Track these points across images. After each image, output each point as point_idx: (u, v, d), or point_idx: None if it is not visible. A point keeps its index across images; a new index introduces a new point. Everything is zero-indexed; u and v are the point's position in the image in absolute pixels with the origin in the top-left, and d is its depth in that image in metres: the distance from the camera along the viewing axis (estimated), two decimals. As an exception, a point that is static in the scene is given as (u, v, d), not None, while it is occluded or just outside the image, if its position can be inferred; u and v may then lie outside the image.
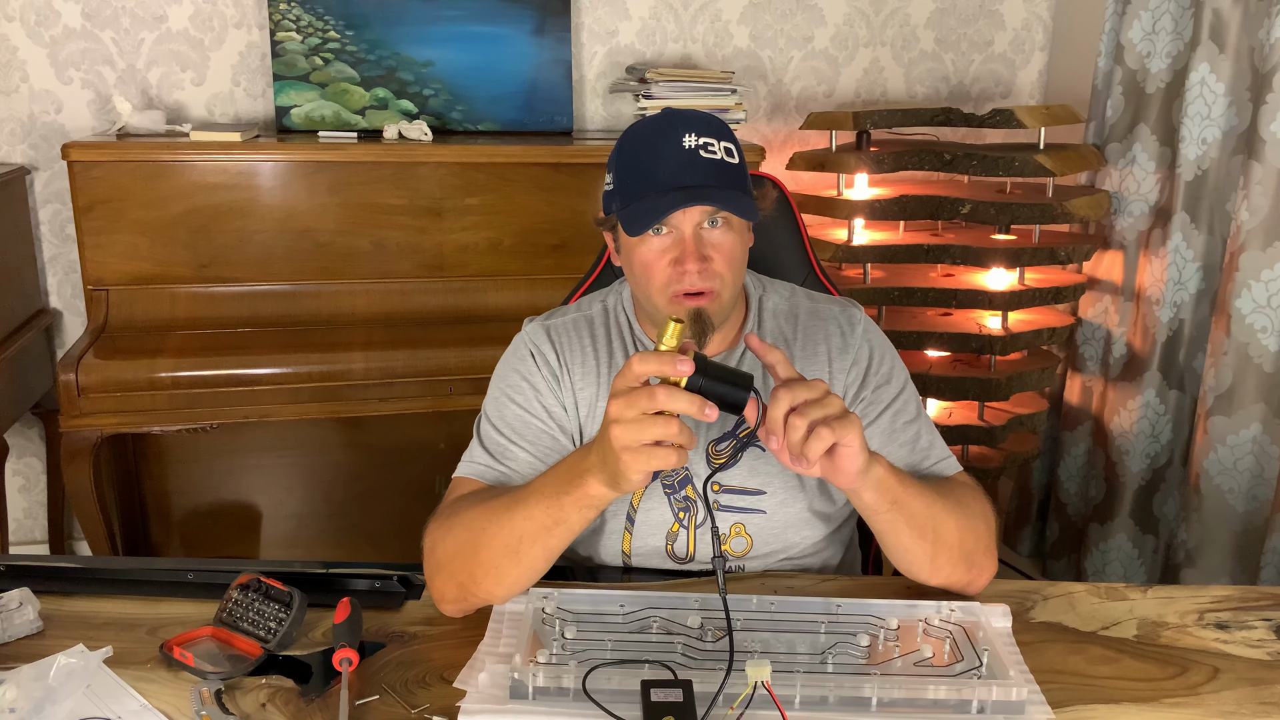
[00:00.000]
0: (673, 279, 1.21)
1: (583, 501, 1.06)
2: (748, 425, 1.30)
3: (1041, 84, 3.16)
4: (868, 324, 1.36)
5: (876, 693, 0.99)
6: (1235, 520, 2.29)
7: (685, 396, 0.96)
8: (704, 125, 1.22)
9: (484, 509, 1.14)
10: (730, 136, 1.24)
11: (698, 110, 1.27)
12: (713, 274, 1.21)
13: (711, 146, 1.21)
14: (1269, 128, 2.16)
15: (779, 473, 1.30)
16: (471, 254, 2.53)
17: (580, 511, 1.07)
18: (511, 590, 1.14)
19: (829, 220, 2.68)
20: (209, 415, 2.30)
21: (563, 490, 1.07)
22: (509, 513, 1.11)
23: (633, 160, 1.23)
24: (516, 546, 1.10)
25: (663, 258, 1.22)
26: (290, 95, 2.64)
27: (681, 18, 2.90)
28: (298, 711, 1.00)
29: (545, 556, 1.12)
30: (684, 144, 1.20)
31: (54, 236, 2.71)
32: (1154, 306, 2.50)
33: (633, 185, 1.22)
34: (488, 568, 1.11)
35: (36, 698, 0.94)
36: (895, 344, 1.41)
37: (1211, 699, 1.05)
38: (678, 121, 1.22)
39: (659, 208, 1.18)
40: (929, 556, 1.16)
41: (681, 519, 1.30)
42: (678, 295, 1.22)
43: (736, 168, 1.23)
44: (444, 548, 1.15)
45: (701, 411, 0.96)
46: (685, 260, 1.20)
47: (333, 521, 2.85)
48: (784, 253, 1.57)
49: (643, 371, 0.97)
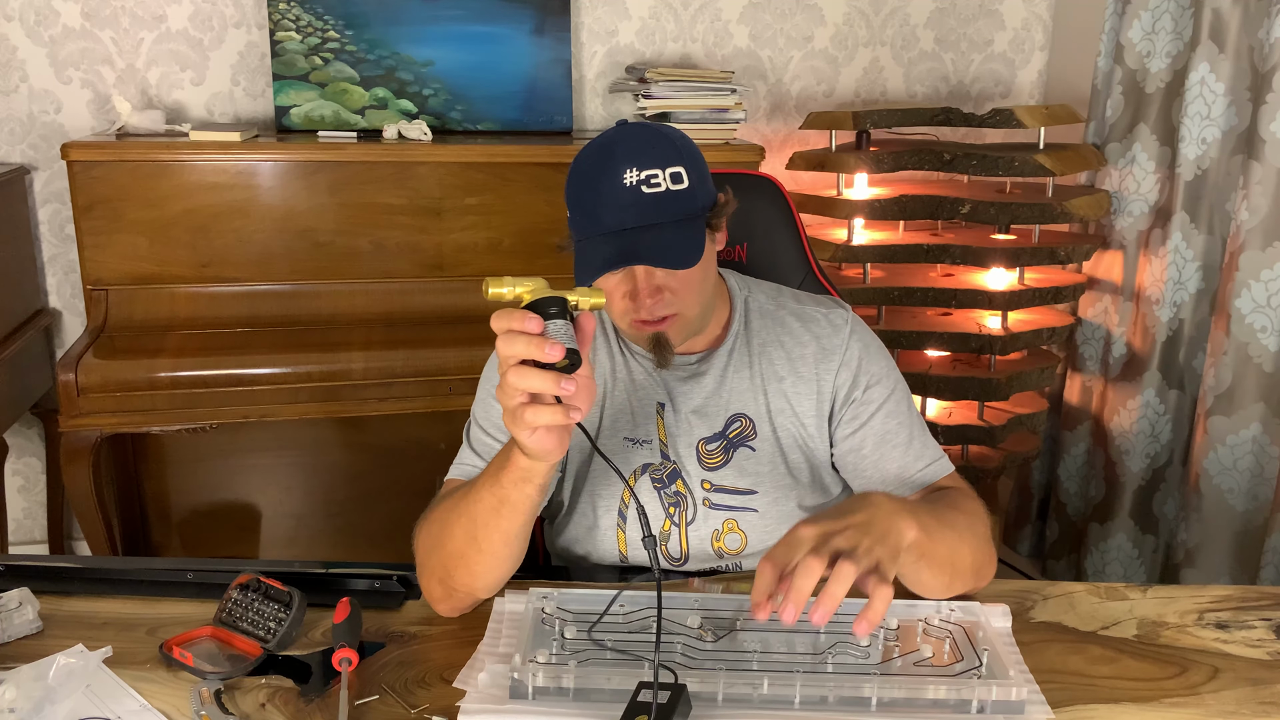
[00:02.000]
0: (630, 309, 1.22)
1: (515, 475, 1.05)
2: (739, 425, 1.31)
3: (1041, 84, 3.16)
4: (856, 324, 1.35)
5: (876, 693, 0.99)
6: (1235, 520, 2.29)
7: (523, 339, 0.93)
8: (647, 155, 1.18)
9: (447, 503, 1.15)
10: (677, 158, 1.20)
11: (643, 133, 1.22)
12: (668, 304, 1.22)
13: (655, 178, 1.17)
14: (1269, 127, 2.16)
15: (769, 471, 1.30)
16: (471, 254, 2.53)
17: (517, 486, 1.05)
18: (485, 580, 1.13)
19: (828, 220, 2.68)
20: (209, 415, 2.30)
21: (500, 468, 1.06)
22: (464, 500, 1.11)
23: (576, 197, 1.22)
24: (475, 533, 1.10)
25: (618, 289, 1.22)
26: (290, 95, 2.64)
27: (681, 17, 2.90)
28: (297, 711, 1.00)
29: (503, 540, 1.10)
30: (624, 181, 1.17)
31: (53, 236, 2.71)
32: (1154, 306, 2.50)
33: (579, 223, 1.22)
34: (455, 559, 1.12)
35: (36, 698, 0.94)
36: (895, 344, 1.41)
37: (1211, 699, 1.05)
38: (620, 154, 1.18)
39: (596, 261, 1.17)
40: (944, 586, 1.15)
41: (672, 514, 1.30)
42: (636, 323, 1.23)
43: (684, 194, 1.19)
44: (422, 547, 1.16)
45: (542, 351, 0.92)
46: (639, 296, 1.21)
47: (332, 521, 2.85)
48: (783, 253, 1.56)
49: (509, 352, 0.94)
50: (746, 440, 1.31)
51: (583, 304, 0.98)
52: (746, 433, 1.31)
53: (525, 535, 1.12)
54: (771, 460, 1.30)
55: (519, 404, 0.95)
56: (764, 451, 1.31)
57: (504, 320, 0.94)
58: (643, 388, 1.32)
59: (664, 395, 1.32)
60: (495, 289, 0.95)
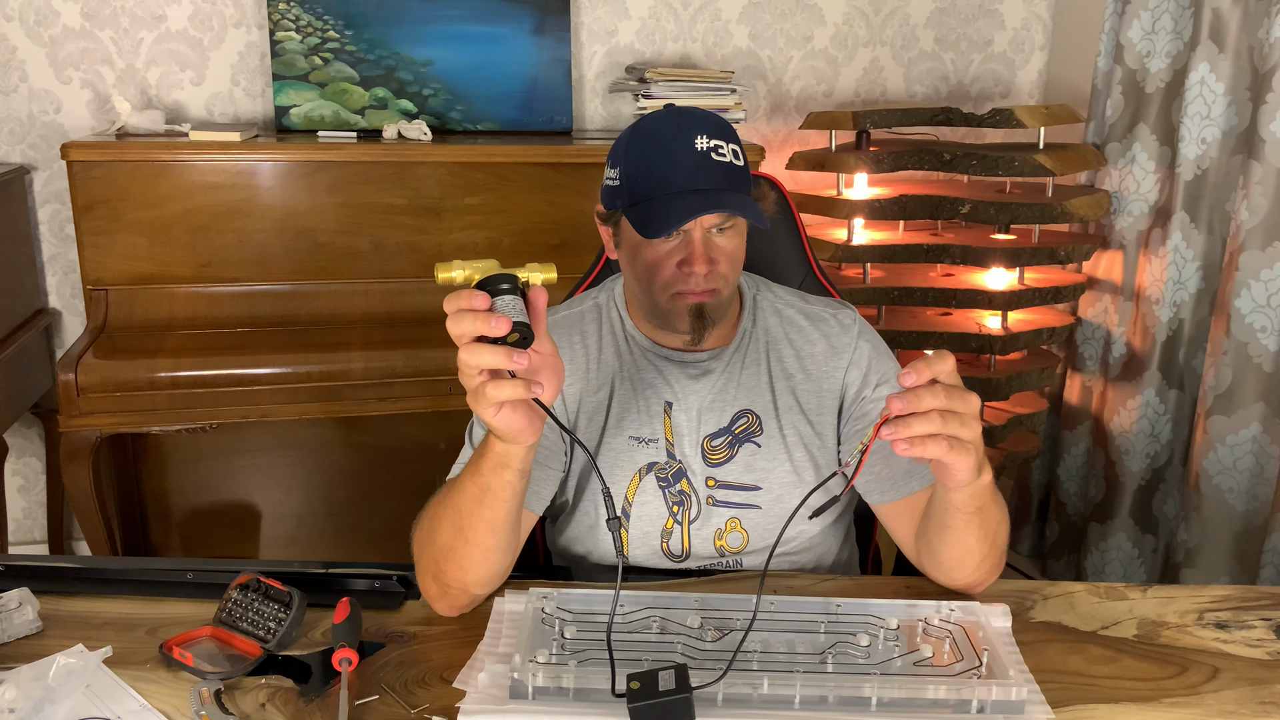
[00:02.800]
0: (677, 279, 1.23)
1: (493, 461, 1.05)
2: (745, 421, 1.31)
3: (1041, 83, 3.16)
4: (862, 324, 1.37)
5: (876, 693, 0.99)
6: (1235, 520, 2.29)
7: (470, 315, 0.94)
8: (714, 127, 1.23)
9: (436, 499, 1.16)
10: (736, 139, 1.25)
11: (705, 110, 1.27)
12: (718, 276, 1.23)
13: (721, 149, 1.21)
14: (1269, 127, 2.16)
15: (774, 468, 1.30)
16: (471, 254, 2.51)
17: (496, 473, 1.06)
18: (475, 574, 1.13)
19: (828, 220, 2.68)
20: (208, 415, 2.30)
21: (479, 456, 1.07)
22: (450, 494, 1.12)
23: (644, 159, 1.23)
24: (461, 525, 1.10)
25: (669, 259, 1.23)
26: (289, 95, 2.64)
27: (681, 17, 2.90)
28: (297, 711, 1.00)
29: (488, 529, 1.10)
30: (696, 145, 1.20)
31: (53, 236, 2.71)
32: (1154, 306, 2.50)
33: (645, 184, 1.22)
34: (445, 553, 1.12)
35: (36, 698, 0.94)
36: (895, 344, 1.42)
37: (1211, 699, 1.05)
38: (689, 121, 1.22)
39: (676, 212, 1.18)
40: (982, 556, 1.15)
41: (675, 512, 1.30)
42: (679, 294, 1.23)
43: (743, 171, 1.24)
44: (416, 545, 1.17)
45: (489, 325, 0.93)
46: (693, 263, 1.21)
47: (332, 521, 2.85)
48: (783, 253, 1.56)
49: (457, 329, 0.95)
50: (753, 436, 1.31)
51: (533, 279, 0.98)
52: (753, 429, 1.31)
53: (513, 526, 1.12)
54: (777, 457, 1.31)
55: (479, 383, 0.96)
56: (769, 448, 1.31)
57: (453, 301, 0.95)
58: (650, 386, 1.32)
59: (671, 394, 1.32)
60: (444, 273, 0.97)
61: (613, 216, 1.28)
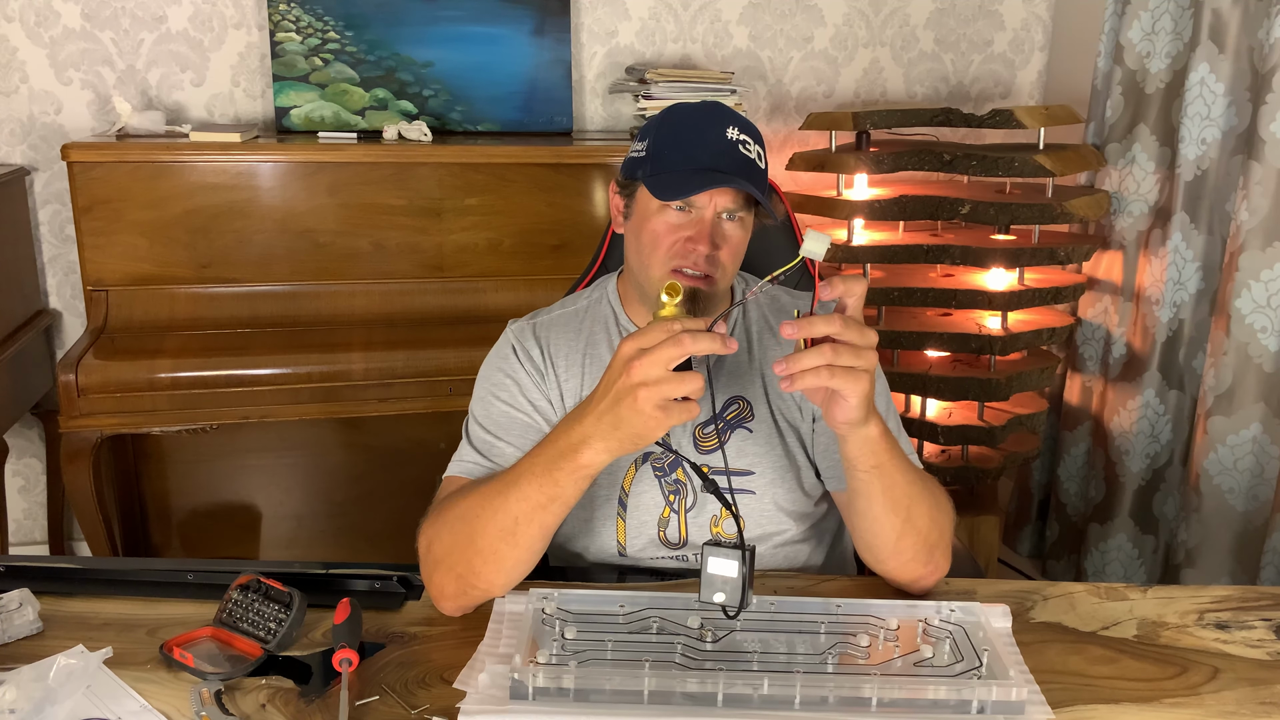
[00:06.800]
0: (678, 254, 1.25)
1: (578, 473, 1.07)
2: (736, 408, 1.31)
3: (1041, 84, 3.16)
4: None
5: (876, 693, 0.99)
6: (1235, 520, 2.29)
7: (707, 336, 0.98)
8: (746, 126, 1.28)
9: (475, 497, 1.14)
10: (763, 144, 1.30)
11: (735, 110, 1.32)
12: (717, 262, 1.25)
13: (749, 145, 1.26)
14: (1268, 128, 2.16)
15: (766, 453, 1.31)
16: (471, 254, 2.53)
17: (576, 484, 1.08)
18: (511, 576, 1.14)
19: (828, 220, 2.68)
20: (209, 416, 2.30)
21: (554, 465, 1.07)
22: (501, 496, 1.11)
23: (674, 135, 1.27)
24: (513, 529, 1.10)
25: (675, 232, 1.25)
26: (290, 96, 2.64)
27: (681, 18, 2.90)
28: (297, 712, 1.00)
29: (542, 535, 1.12)
30: (728, 135, 1.25)
31: (53, 237, 2.71)
32: (1154, 306, 2.50)
33: (671, 157, 1.25)
34: (486, 555, 1.12)
35: (36, 698, 0.94)
36: (895, 344, 1.42)
37: (1211, 699, 1.05)
38: (725, 114, 1.28)
39: (696, 181, 1.22)
40: (896, 534, 1.16)
41: (672, 502, 1.31)
42: (677, 271, 1.25)
43: (763, 171, 1.28)
44: (440, 543, 1.15)
45: (725, 345, 0.98)
46: (699, 241, 1.24)
47: (332, 522, 2.85)
48: (780, 253, 1.57)
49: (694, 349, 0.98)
50: (744, 422, 1.32)
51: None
52: (744, 415, 1.32)
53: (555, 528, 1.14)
54: (769, 442, 1.32)
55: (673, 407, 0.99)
56: (761, 433, 1.32)
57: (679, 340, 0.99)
58: None
59: None
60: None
61: (629, 187, 1.31)
